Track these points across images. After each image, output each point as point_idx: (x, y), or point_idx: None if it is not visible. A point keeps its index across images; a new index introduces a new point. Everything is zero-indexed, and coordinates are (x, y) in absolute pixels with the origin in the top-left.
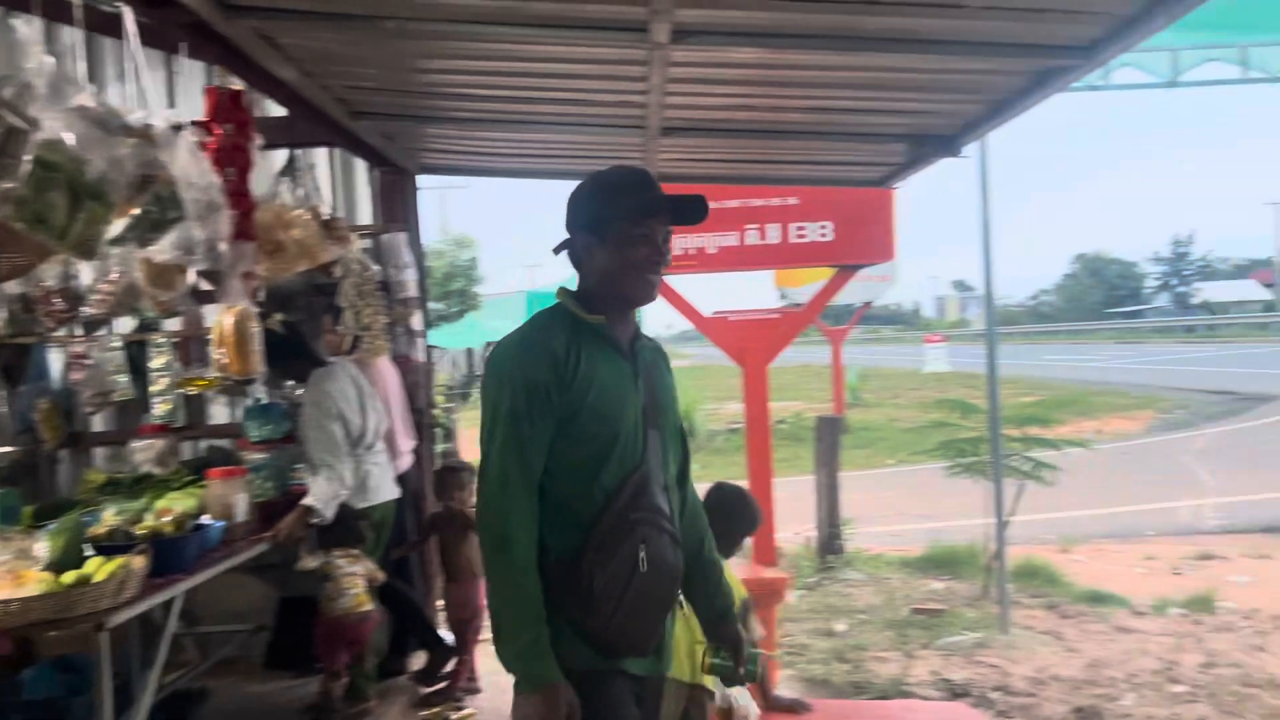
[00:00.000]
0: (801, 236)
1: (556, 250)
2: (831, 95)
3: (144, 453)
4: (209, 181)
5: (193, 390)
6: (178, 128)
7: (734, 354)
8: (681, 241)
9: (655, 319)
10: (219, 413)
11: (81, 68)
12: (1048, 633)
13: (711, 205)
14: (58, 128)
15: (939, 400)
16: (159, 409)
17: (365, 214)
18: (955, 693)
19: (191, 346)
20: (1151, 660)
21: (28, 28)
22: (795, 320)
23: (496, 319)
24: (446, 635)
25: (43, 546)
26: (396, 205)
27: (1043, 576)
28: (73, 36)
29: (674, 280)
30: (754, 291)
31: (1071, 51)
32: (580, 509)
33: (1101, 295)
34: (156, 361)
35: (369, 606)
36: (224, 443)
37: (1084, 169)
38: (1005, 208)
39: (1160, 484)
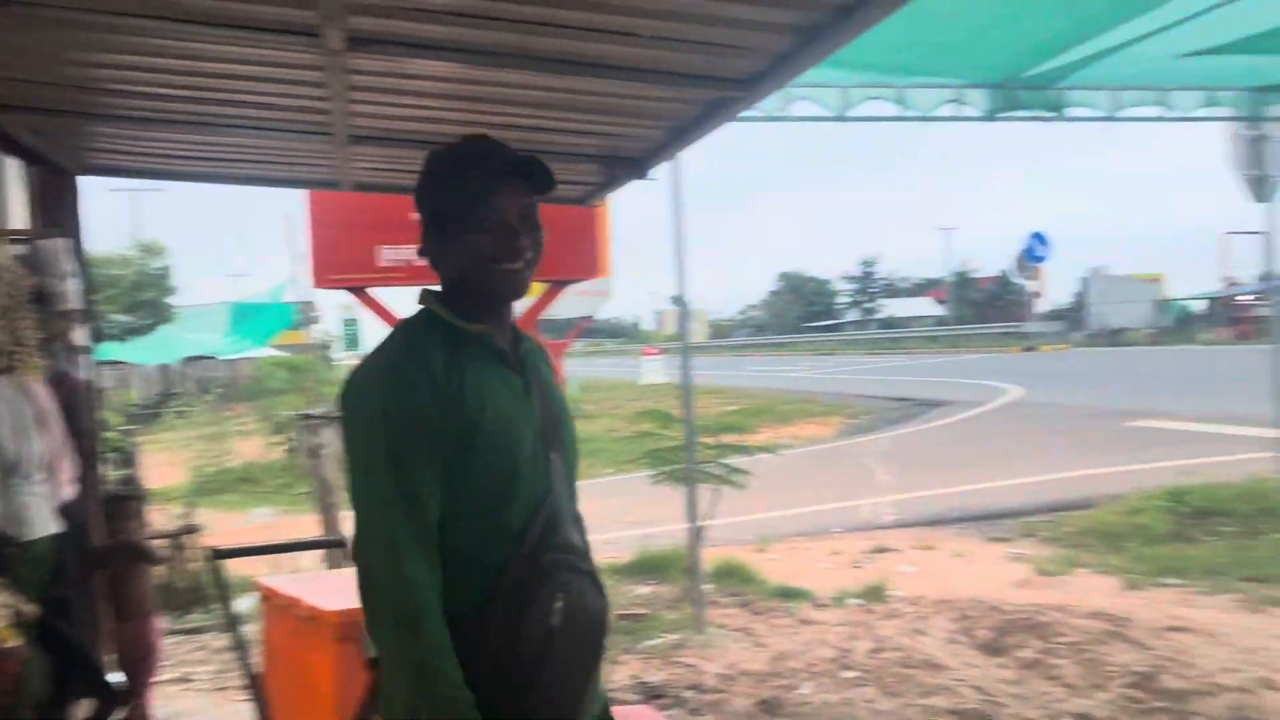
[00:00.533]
0: None
1: (420, 253)
2: (523, 113)
3: None
4: None
5: None
6: None
7: None
8: (390, 253)
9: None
10: None
11: None
12: (740, 629)
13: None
14: None
15: (641, 411)
16: None
17: (17, 218)
18: (652, 694)
19: None
20: (828, 649)
21: None
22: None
23: (196, 331)
24: (117, 679)
25: None
26: (55, 209)
27: (739, 576)
28: None
29: (381, 294)
30: None
31: (736, 84)
32: (480, 557)
33: (801, 311)
34: None
35: (12, 642)
36: None
37: (787, 191)
38: (722, 225)
39: (846, 484)
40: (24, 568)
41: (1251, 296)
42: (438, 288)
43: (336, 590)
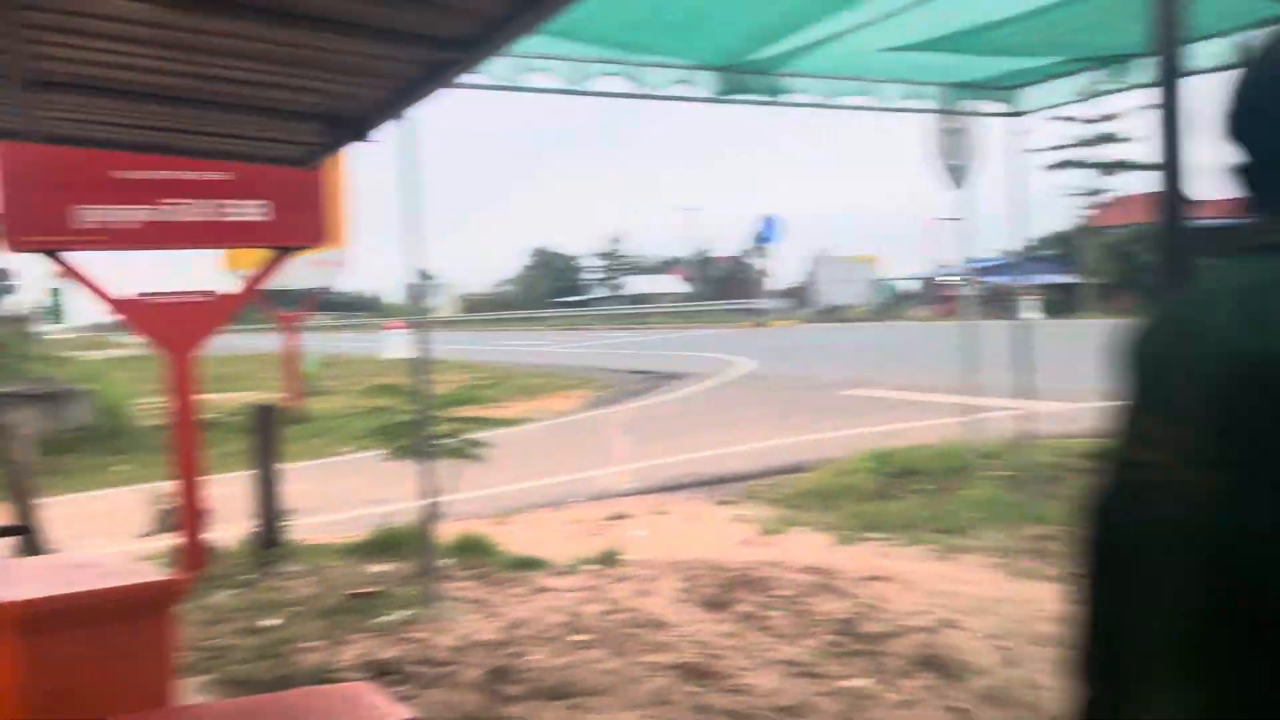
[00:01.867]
0: (231, 214)
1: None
2: (234, 65)
3: None
4: None
5: None
6: None
7: (158, 340)
8: (88, 213)
9: (86, 303)
10: None
11: None
12: (475, 601)
13: (124, 174)
14: None
15: (373, 386)
16: None
17: None
18: (381, 671)
19: None
20: (560, 615)
21: None
22: (226, 304)
23: None
24: None
25: None
26: None
27: (478, 549)
28: None
29: (82, 258)
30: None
31: (454, 45)
32: None
33: (552, 286)
34: None
35: None
36: None
37: (538, 167)
38: (474, 199)
39: (588, 454)
40: None
41: (955, 277)
42: None
43: (24, 578)
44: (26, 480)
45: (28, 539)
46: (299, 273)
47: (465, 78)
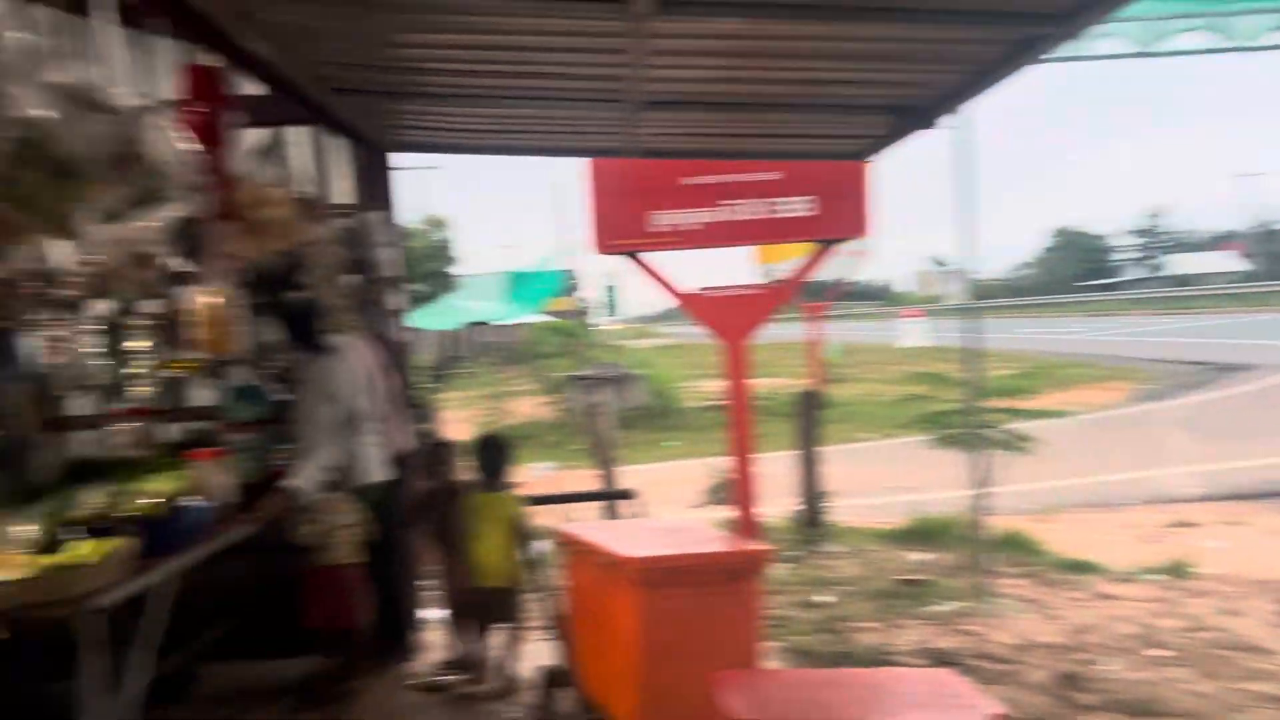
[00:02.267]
0: (780, 211)
1: None
2: (813, 66)
3: (122, 435)
4: (187, 160)
5: (173, 372)
6: (154, 106)
7: (715, 329)
8: (661, 218)
9: (631, 298)
10: (199, 395)
11: (53, 44)
12: (1029, 601)
13: (690, 181)
14: (35, 104)
15: (916, 374)
16: (136, 391)
17: (341, 193)
18: (939, 660)
19: (171, 329)
20: (1131, 626)
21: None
22: (775, 295)
23: (474, 299)
24: (438, 613)
25: (30, 529)
26: (372, 184)
27: (1022, 546)
28: (43, 13)
29: (653, 257)
30: (734, 269)
31: (1049, 19)
32: None
33: (1078, 269)
34: (134, 344)
35: (354, 560)
36: (204, 425)
37: (1064, 142)
38: (983, 182)
39: (1137, 453)
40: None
41: None
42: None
43: (635, 538)
44: (610, 451)
45: (609, 503)
46: (824, 264)
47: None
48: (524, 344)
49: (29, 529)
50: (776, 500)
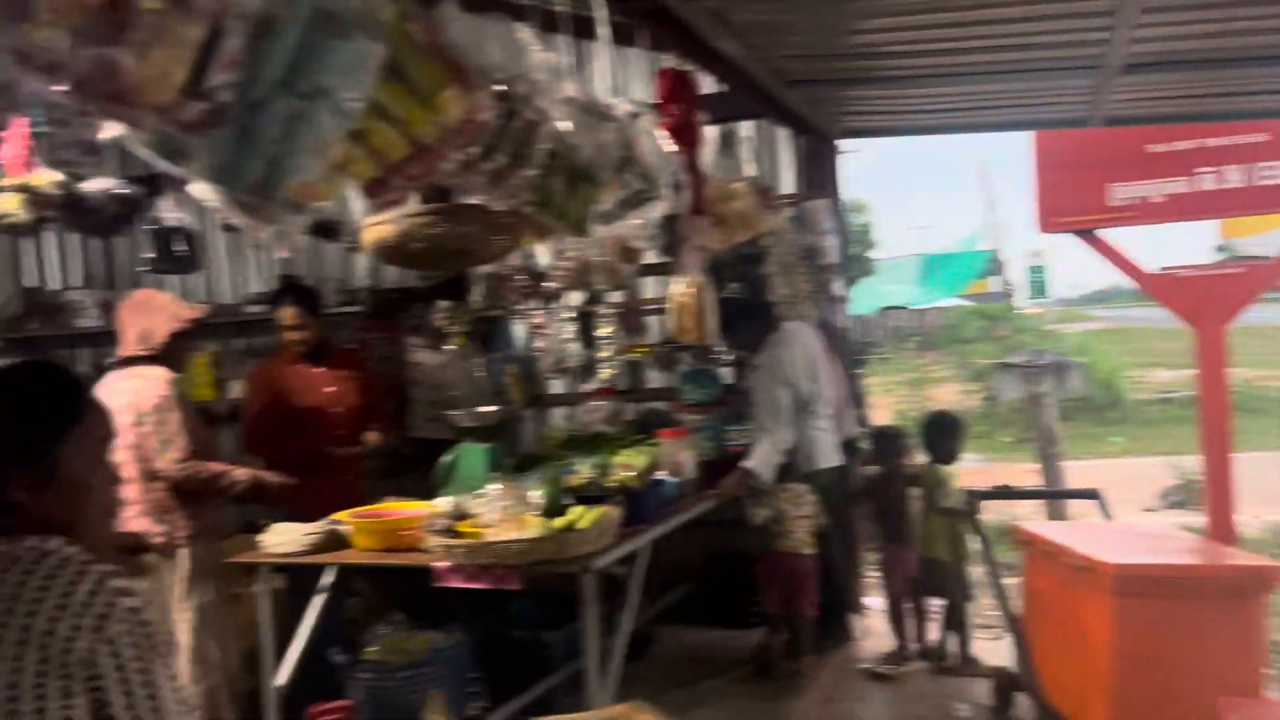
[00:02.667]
0: (1266, 178)
1: None
2: None
3: (594, 413)
4: (671, 161)
5: (633, 356)
6: (640, 111)
7: (1184, 314)
8: (1121, 190)
9: (1062, 279)
10: (655, 377)
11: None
12: None
13: (1158, 148)
14: (558, 118)
15: None
16: (605, 374)
17: (786, 183)
18: None
19: (632, 317)
20: None
21: (527, 31)
22: (1263, 274)
23: (890, 283)
24: (874, 602)
25: (535, 494)
26: (817, 172)
27: None
28: (556, 37)
29: (1110, 234)
30: (1185, 244)
31: None
32: None
33: None
34: (603, 330)
35: (810, 550)
36: (660, 405)
37: None
38: None
39: None
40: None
41: None
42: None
43: (1108, 541)
44: (1052, 446)
45: (1057, 502)
46: None
47: None
48: (943, 329)
49: (537, 494)
50: (1255, 508)
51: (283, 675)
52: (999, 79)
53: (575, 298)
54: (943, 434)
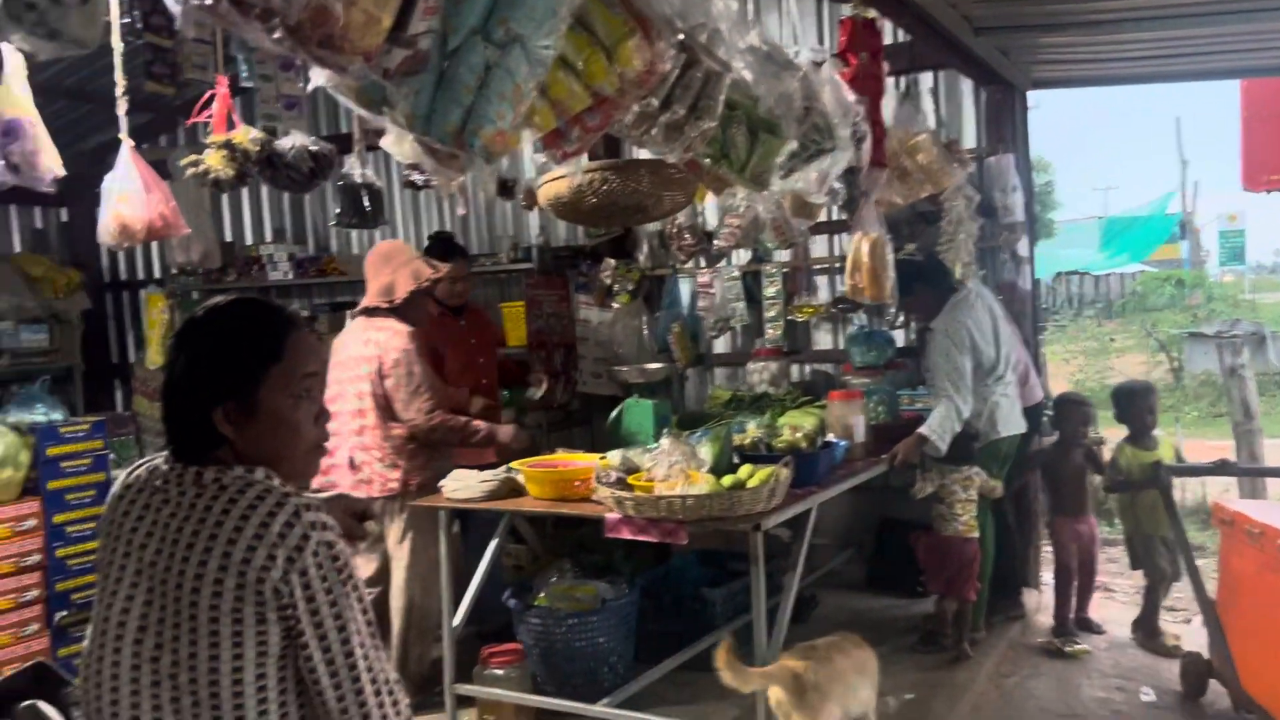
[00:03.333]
0: None
1: None
2: None
3: (759, 374)
4: (854, 112)
5: (800, 317)
6: (822, 61)
7: None
8: None
9: (1260, 245)
10: (822, 339)
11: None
12: None
13: None
14: (740, 68)
15: None
16: (770, 334)
17: (968, 137)
18: None
19: (800, 276)
20: None
21: None
22: None
23: (1068, 247)
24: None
25: (704, 451)
26: (1004, 125)
27: None
28: None
29: None
30: None
31: None
32: None
33: None
34: (768, 290)
35: (975, 535)
36: (828, 367)
37: None
38: None
39: None
40: (991, 463)
41: None
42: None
43: None
44: (1251, 422)
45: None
46: None
47: None
48: (1127, 296)
49: (705, 451)
50: None
51: (459, 616)
52: (1206, 22)
53: (742, 256)
54: (1137, 406)
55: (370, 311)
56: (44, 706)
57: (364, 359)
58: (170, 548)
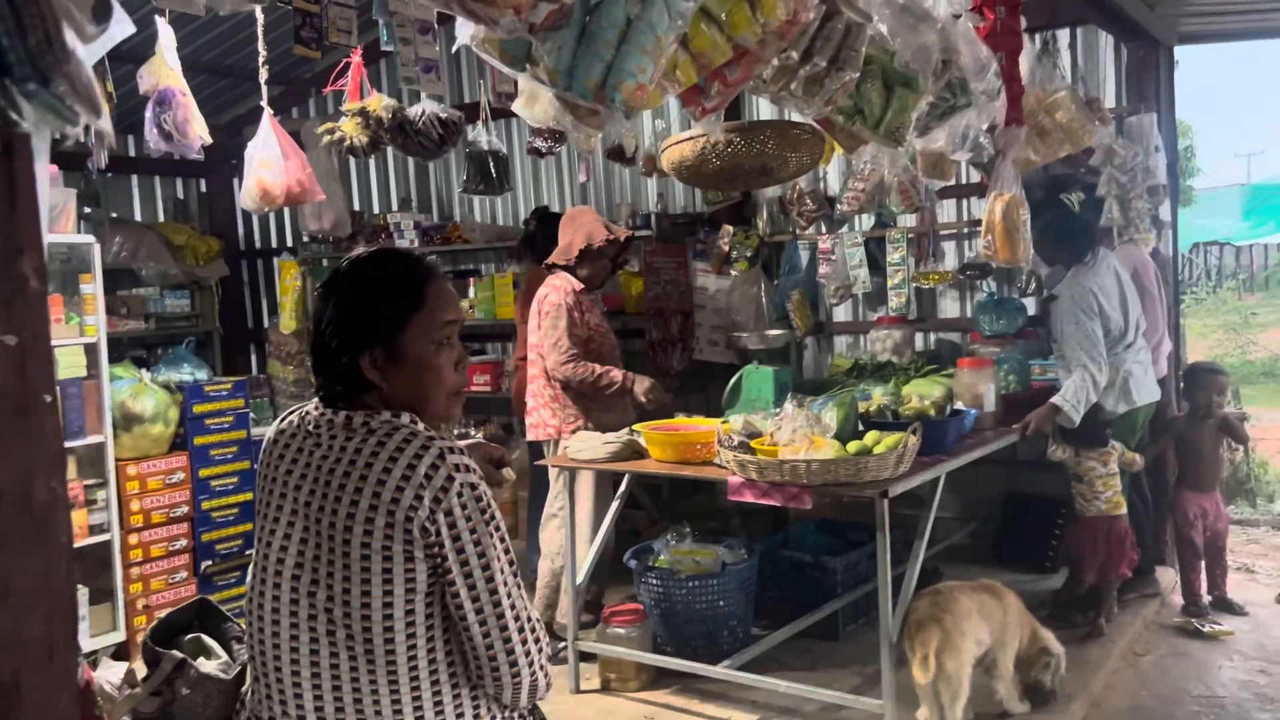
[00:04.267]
0: None
1: None
2: None
3: (881, 342)
4: (990, 67)
5: (926, 284)
6: (958, 15)
7: None
8: None
9: None
10: (949, 306)
11: None
12: None
13: None
14: (876, 20)
15: None
16: (894, 301)
17: (1108, 96)
18: None
19: (925, 242)
20: None
21: None
22: None
23: (1208, 217)
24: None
25: (829, 416)
26: (1147, 84)
27: None
28: None
29: None
30: None
31: None
32: None
33: None
34: (892, 256)
35: (1123, 510)
36: (953, 336)
37: None
38: None
39: None
40: (1128, 435)
41: None
42: None
43: None
44: None
45: None
46: None
47: None
48: (1271, 268)
49: (829, 417)
50: None
51: (582, 575)
52: None
53: (865, 222)
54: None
55: (550, 268)
56: (206, 639)
57: (534, 312)
58: (323, 489)
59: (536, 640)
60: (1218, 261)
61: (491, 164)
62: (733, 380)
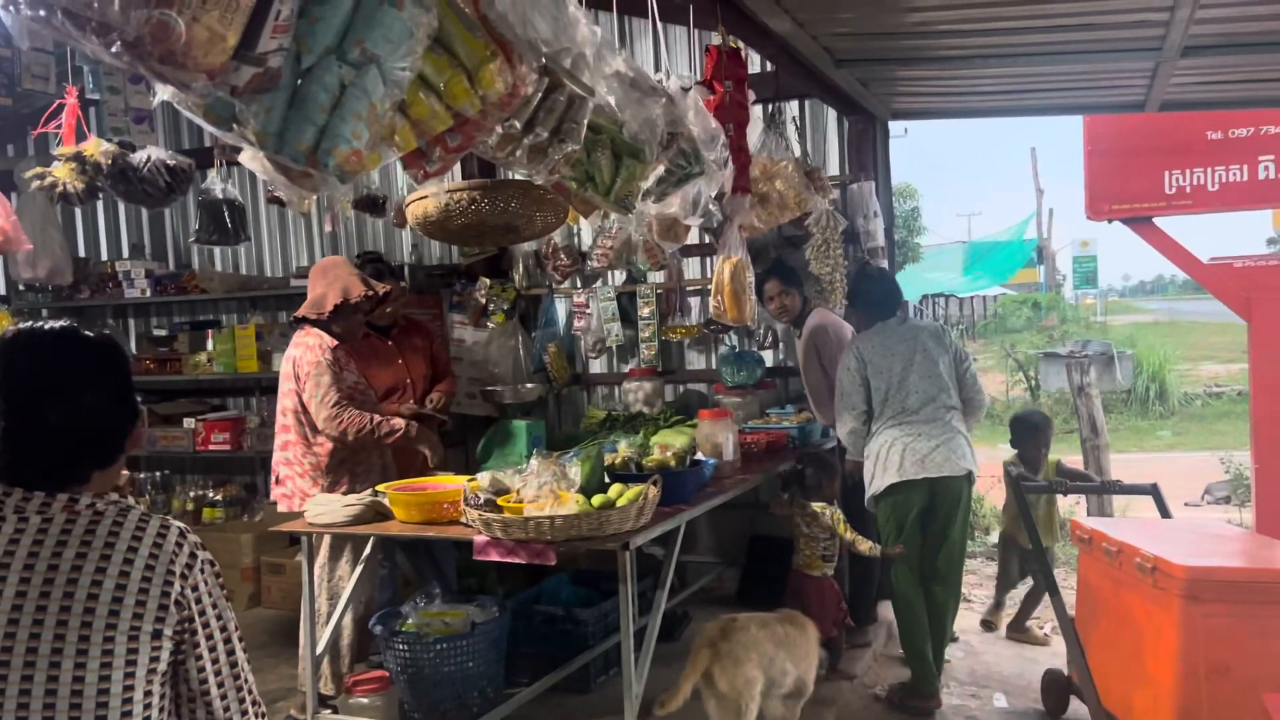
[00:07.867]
0: None
1: None
2: None
3: (634, 393)
4: (718, 138)
5: (673, 337)
6: (687, 88)
7: (1238, 306)
8: (1175, 180)
9: (1111, 269)
10: (695, 359)
11: (610, 37)
12: None
13: (1216, 136)
14: (604, 93)
15: None
16: (645, 354)
17: (832, 164)
18: None
19: (672, 297)
20: None
21: (574, 5)
22: None
23: (934, 271)
24: None
25: (574, 471)
26: (866, 154)
27: None
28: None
29: (1162, 223)
30: (1237, 235)
31: None
32: None
33: None
34: (643, 311)
35: (818, 573)
36: (700, 386)
37: None
38: None
39: None
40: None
41: None
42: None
43: (1173, 541)
44: (1098, 439)
45: (1102, 498)
46: None
47: None
48: (988, 317)
49: (576, 471)
50: None
51: (321, 643)
52: (1055, 60)
53: (618, 277)
54: (1029, 434)
55: (299, 322)
56: None
57: (286, 374)
58: (43, 576)
59: (261, 714)
60: (944, 311)
61: (226, 213)
62: (486, 434)
